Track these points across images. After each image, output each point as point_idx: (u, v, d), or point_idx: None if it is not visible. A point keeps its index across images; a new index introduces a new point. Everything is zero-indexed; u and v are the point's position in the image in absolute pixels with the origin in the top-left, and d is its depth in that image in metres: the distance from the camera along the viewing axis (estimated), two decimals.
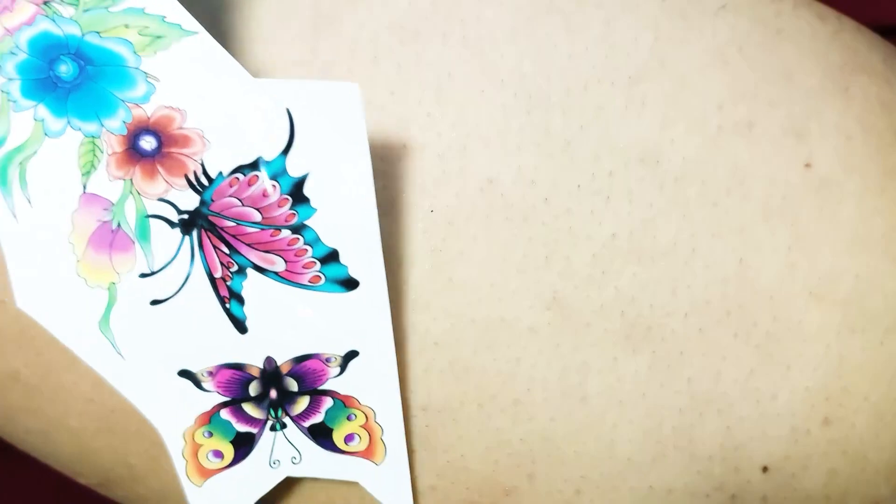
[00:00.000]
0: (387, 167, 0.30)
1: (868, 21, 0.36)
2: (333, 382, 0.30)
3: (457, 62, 0.31)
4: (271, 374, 0.29)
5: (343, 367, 0.29)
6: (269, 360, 0.29)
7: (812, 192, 0.31)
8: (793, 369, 0.31)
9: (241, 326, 0.28)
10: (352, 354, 0.29)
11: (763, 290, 0.31)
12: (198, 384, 0.29)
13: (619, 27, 0.31)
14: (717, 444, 0.31)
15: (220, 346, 0.29)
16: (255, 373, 0.29)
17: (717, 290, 0.31)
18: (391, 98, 0.31)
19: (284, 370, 0.29)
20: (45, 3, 0.26)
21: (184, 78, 0.27)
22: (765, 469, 0.32)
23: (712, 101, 0.31)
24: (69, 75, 0.26)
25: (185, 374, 0.29)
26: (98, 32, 0.26)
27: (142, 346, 0.28)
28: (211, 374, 0.29)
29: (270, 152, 0.27)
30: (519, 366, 0.31)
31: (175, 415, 0.29)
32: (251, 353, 0.29)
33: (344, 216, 0.27)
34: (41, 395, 0.32)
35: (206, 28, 0.27)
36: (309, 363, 0.29)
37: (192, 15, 0.26)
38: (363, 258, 0.28)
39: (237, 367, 0.29)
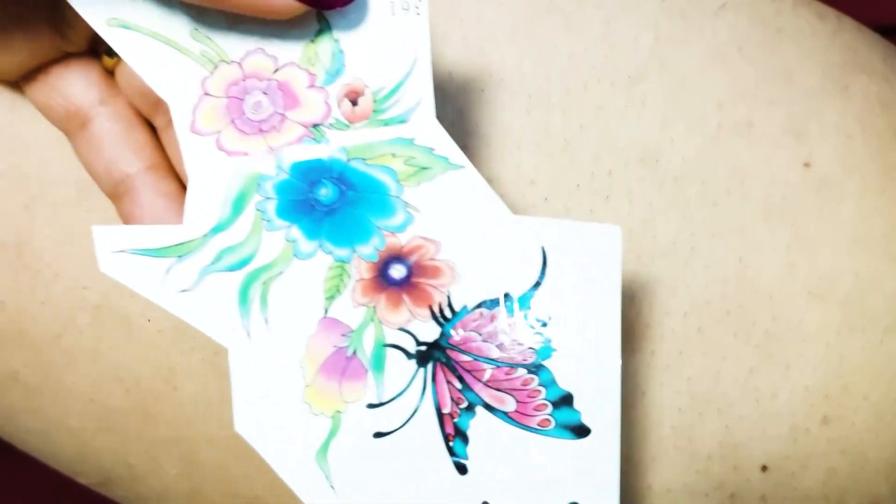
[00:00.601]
0: None
1: (868, 21, 0.36)
2: None
3: (457, 62, 0.31)
4: None
5: None
6: None
7: (812, 192, 0.32)
8: (792, 368, 0.31)
9: (461, 468, 0.27)
10: None
11: (763, 290, 0.31)
12: None
13: (618, 27, 0.31)
14: (716, 444, 0.31)
15: (436, 487, 0.27)
16: None
17: (716, 289, 0.31)
18: None
19: None
20: (314, 126, 0.26)
21: (444, 210, 0.26)
22: (764, 468, 0.32)
23: (712, 101, 0.31)
24: (328, 199, 0.26)
25: None
26: (364, 159, 0.26)
27: (356, 481, 0.27)
28: None
29: (518, 289, 0.26)
30: None
31: None
32: (468, 497, 0.27)
33: (584, 360, 0.26)
34: (41, 395, 0.32)
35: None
36: None
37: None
38: (599, 405, 0.27)
39: None
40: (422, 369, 0.26)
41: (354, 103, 0.26)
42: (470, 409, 0.27)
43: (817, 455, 0.32)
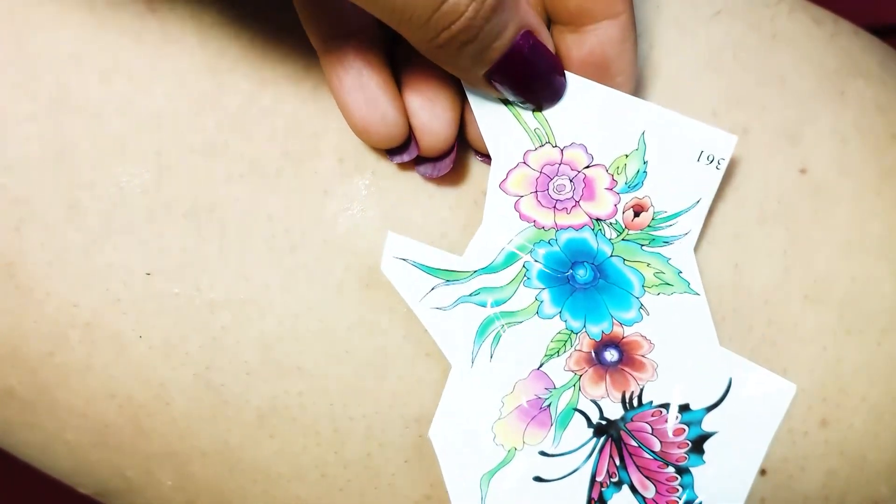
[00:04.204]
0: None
1: (868, 21, 0.36)
2: None
3: None
4: None
5: None
6: None
7: (808, 196, 0.31)
8: (789, 372, 0.31)
9: None
10: None
11: (758, 295, 0.31)
12: None
13: None
14: None
15: None
16: None
17: (711, 295, 0.31)
18: None
19: None
20: (596, 220, 0.30)
21: (668, 321, 0.30)
22: (763, 471, 0.32)
23: (707, 107, 0.31)
24: (583, 279, 0.30)
25: None
26: (623, 259, 0.30)
27: None
28: None
29: (697, 403, 0.30)
30: None
31: None
32: None
33: (723, 480, 0.31)
34: (37, 410, 0.32)
35: None
36: None
37: None
38: None
39: None
40: (595, 439, 0.30)
41: (637, 215, 0.30)
42: (618, 484, 0.31)
43: (816, 457, 0.32)
